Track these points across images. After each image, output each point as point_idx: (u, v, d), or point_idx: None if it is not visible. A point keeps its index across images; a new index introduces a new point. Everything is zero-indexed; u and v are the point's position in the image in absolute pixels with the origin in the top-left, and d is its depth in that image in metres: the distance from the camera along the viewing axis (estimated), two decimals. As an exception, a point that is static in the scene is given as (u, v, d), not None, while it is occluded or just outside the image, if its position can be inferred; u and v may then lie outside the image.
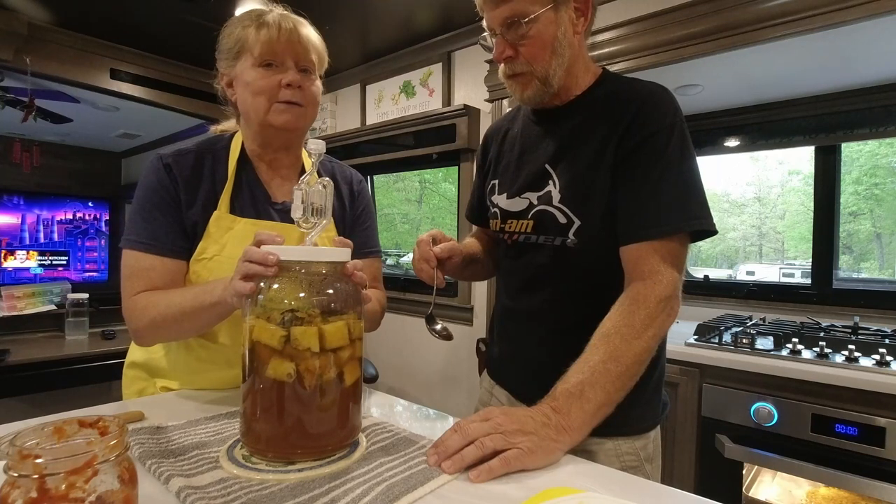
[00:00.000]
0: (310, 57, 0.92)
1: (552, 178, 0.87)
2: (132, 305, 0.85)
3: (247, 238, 0.85)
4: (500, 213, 0.96)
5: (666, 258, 0.76)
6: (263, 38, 0.87)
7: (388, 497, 0.53)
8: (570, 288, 0.86)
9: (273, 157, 0.98)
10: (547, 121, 0.92)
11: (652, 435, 0.88)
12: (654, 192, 0.78)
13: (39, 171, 4.87)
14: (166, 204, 0.88)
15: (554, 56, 0.83)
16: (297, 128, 0.94)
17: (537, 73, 0.84)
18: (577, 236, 0.83)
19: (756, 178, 2.54)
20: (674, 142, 0.79)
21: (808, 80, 1.78)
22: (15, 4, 2.34)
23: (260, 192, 0.96)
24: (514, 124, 1.01)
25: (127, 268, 0.87)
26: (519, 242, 0.92)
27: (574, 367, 0.71)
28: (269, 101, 0.89)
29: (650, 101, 0.81)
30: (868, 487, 1.25)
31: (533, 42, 0.82)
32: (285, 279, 0.64)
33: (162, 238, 0.87)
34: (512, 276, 0.96)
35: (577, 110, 0.88)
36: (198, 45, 2.77)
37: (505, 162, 0.99)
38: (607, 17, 1.84)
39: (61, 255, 4.57)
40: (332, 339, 0.61)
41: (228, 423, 0.74)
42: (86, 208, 4.86)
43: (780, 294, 2.01)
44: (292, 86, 0.89)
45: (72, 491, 0.37)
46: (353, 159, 3.09)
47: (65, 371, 2.07)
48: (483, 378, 1.08)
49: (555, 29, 0.82)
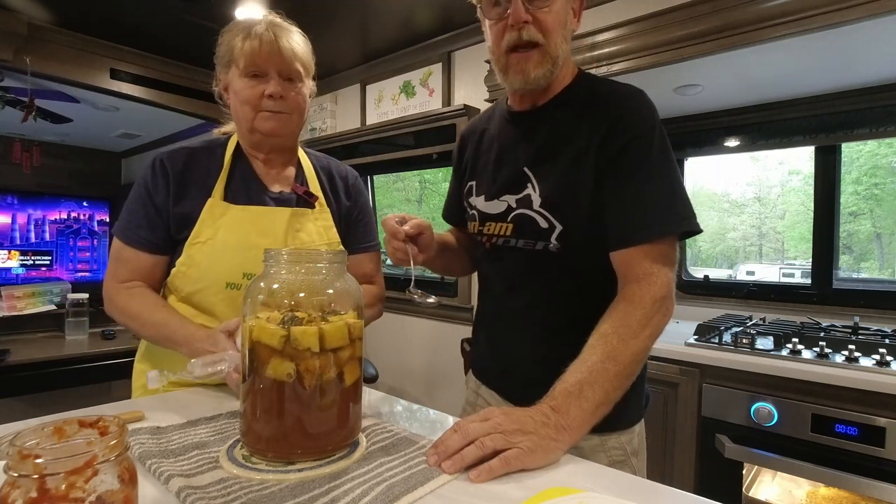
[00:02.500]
0: (293, 67, 0.97)
1: (531, 181, 0.86)
2: (114, 293, 0.96)
3: (239, 223, 0.96)
4: (479, 216, 0.95)
5: (658, 259, 0.76)
6: (247, 49, 0.93)
7: (388, 497, 0.53)
8: (554, 290, 0.87)
9: (266, 156, 1.04)
10: (524, 121, 0.91)
11: (637, 429, 0.89)
12: (640, 195, 0.78)
13: (39, 171, 4.87)
14: (151, 203, 0.95)
15: (562, 40, 0.83)
16: (282, 134, 1.00)
17: (550, 50, 0.82)
18: (560, 241, 0.83)
19: (756, 178, 2.54)
20: (655, 145, 0.79)
21: (808, 80, 1.78)
22: (15, 4, 2.34)
23: (255, 182, 1.02)
24: (491, 124, 0.99)
25: (113, 251, 0.98)
26: (498, 245, 0.91)
27: (572, 367, 0.71)
28: (254, 111, 0.96)
29: (631, 105, 0.81)
30: (868, 487, 1.25)
31: (551, 18, 0.80)
32: (285, 280, 0.64)
33: (144, 235, 0.96)
34: (494, 278, 0.96)
35: (555, 111, 0.87)
36: (198, 45, 2.77)
37: (482, 163, 0.97)
38: (607, 17, 1.84)
39: (45, 254, 4.53)
40: (332, 339, 0.61)
41: (228, 423, 0.74)
42: (80, 208, 4.84)
43: (780, 294, 2.01)
44: (273, 97, 0.95)
45: (72, 491, 0.37)
46: (353, 159, 3.09)
47: (65, 371, 2.07)
48: (468, 378, 1.08)
49: (564, 15, 0.82)
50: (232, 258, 0.95)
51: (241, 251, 0.95)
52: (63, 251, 4.67)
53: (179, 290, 0.97)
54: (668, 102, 2.00)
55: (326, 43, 2.75)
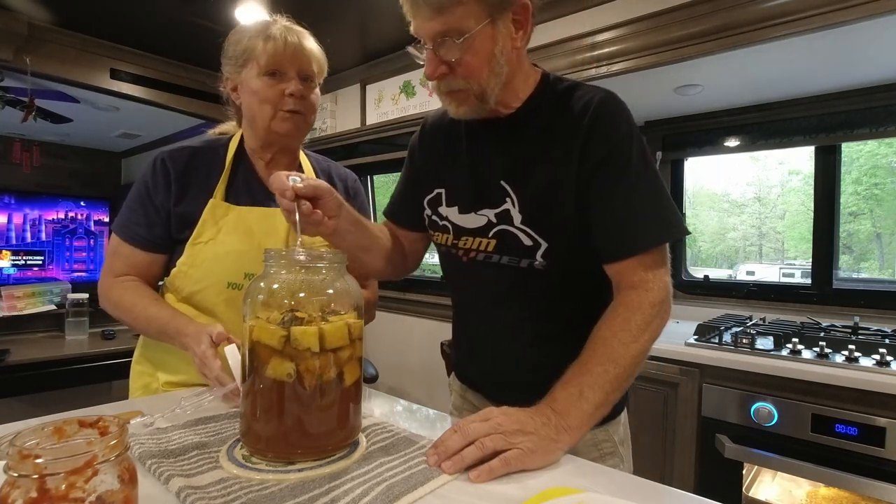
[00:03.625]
0: (311, 67, 1.00)
1: (509, 195, 0.82)
2: (109, 287, 0.98)
3: (241, 224, 0.97)
4: (453, 228, 0.89)
5: (652, 266, 0.76)
6: (270, 50, 0.95)
7: (388, 497, 0.53)
8: (544, 303, 0.85)
9: (271, 157, 1.05)
10: (495, 128, 0.86)
11: (622, 419, 0.90)
12: (628, 206, 0.76)
13: (39, 171, 4.87)
14: (151, 202, 0.97)
15: (491, 74, 0.76)
16: (298, 135, 1.03)
17: (474, 90, 0.77)
18: (546, 258, 0.80)
19: (756, 178, 2.54)
20: (635, 151, 0.77)
21: (808, 80, 1.78)
22: (15, 4, 2.34)
23: (256, 183, 1.03)
24: (457, 126, 0.91)
25: (111, 247, 0.99)
26: (478, 260, 0.87)
27: (572, 369, 0.71)
28: (273, 109, 0.97)
29: (604, 112, 0.78)
30: (868, 487, 1.25)
31: (469, 60, 0.75)
32: (285, 280, 0.64)
33: (141, 233, 0.97)
34: (475, 291, 0.92)
35: (526, 120, 0.83)
36: (198, 45, 2.77)
37: (450, 170, 0.91)
38: (607, 17, 1.84)
39: (37, 254, 4.50)
40: (332, 339, 0.61)
41: (228, 423, 0.74)
42: (78, 208, 4.82)
43: (780, 294, 2.02)
44: (295, 95, 0.96)
45: (72, 491, 0.37)
46: (353, 159, 3.09)
47: (65, 371, 2.07)
48: (452, 381, 1.06)
49: (492, 45, 0.75)
50: (234, 258, 0.95)
51: (243, 251, 0.96)
52: (59, 251, 4.64)
53: (180, 289, 0.98)
54: (668, 102, 1.99)
55: (326, 43, 2.74)
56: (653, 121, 2.22)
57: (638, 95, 1.94)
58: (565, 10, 1.96)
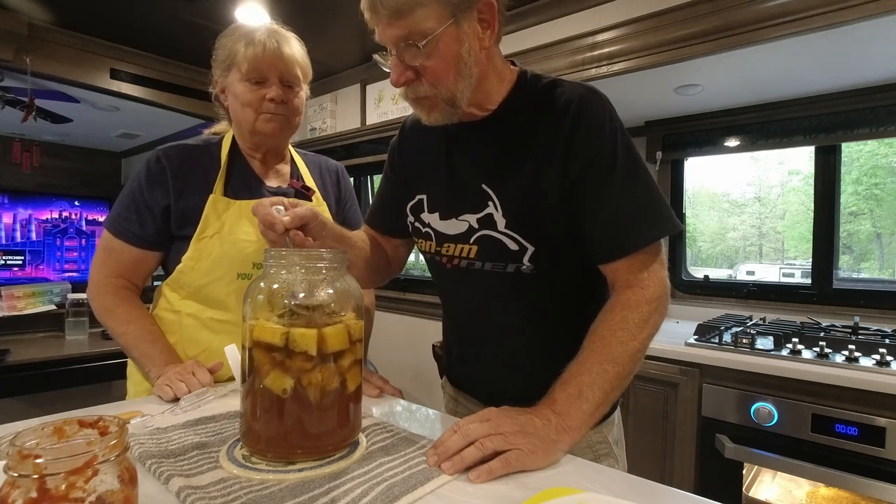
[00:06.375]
0: (294, 72, 1.01)
1: (491, 199, 0.79)
2: (103, 289, 0.99)
3: (243, 216, 0.98)
4: (435, 235, 0.87)
5: (648, 264, 0.75)
6: (250, 55, 0.96)
7: (388, 497, 0.53)
8: (534, 308, 0.84)
9: (263, 155, 1.08)
10: (473, 131, 0.83)
11: (615, 418, 0.90)
12: (619, 206, 0.74)
13: (39, 171, 4.87)
14: (143, 199, 0.98)
15: (459, 77, 0.74)
16: (282, 135, 1.04)
17: (442, 96, 0.75)
18: (534, 262, 0.78)
19: (756, 178, 2.54)
20: (621, 148, 0.75)
21: (808, 80, 1.78)
22: (15, 4, 2.34)
23: (253, 178, 1.06)
24: (436, 130, 0.86)
25: (103, 242, 1.00)
26: (461, 267, 0.84)
27: (571, 369, 0.71)
28: (255, 113, 0.99)
29: (586, 111, 0.75)
30: (868, 487, 1.25)
31: (434, 65, 0.72)
32: (285, 280, 0.64)
33: (133, 229, 0.98)
34: (462, 298, 0.90)
35: (505, 121, 0.81)
36: (198, 45, 2.76)
37: (430, 174, 0.89)
38: (607, 17, 1.84)
39: (17, 254, 4.46)
40: (332, 342, 0.61)
41: (228, 423, 0.74)
42: (72, 207, 4.79)
43: (780, 294, 2.02)
44: (275, 101, 0.99)
45: (72, 491, 0.37)
46: (353, 159, 3.09)
47: (65, 371, 2.06)
48: (444, 385, 1.04)
49: (457, 47, 0.72)
50: (242, 249, 0.97)
51: (251, 241, 0.97)
52: (50, 251, 4.61)
53: (188, 285, 0.98)
54: (667, 102, 1.99)
55: (326, 43, 2.75)
56: (653, 121, 2.22)
57: (638, 95, 1.94)
58: (565, 10, 1.96)
